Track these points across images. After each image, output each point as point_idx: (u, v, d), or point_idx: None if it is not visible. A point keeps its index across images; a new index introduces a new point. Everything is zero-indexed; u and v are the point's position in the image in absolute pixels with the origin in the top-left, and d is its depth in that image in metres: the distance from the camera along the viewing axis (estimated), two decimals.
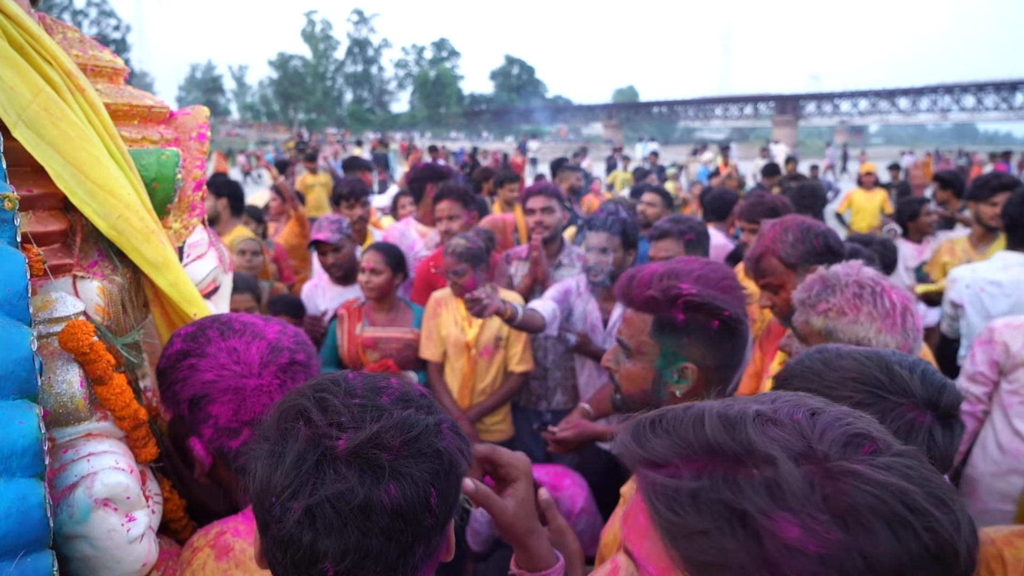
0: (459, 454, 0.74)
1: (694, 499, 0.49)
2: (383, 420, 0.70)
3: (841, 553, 0.45)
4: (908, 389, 0.95)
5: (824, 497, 0.46)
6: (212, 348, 1.09)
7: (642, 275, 1.33)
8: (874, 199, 7.38)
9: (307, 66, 73.11)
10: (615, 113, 71.11)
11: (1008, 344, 2.15)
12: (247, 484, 0.71)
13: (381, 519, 0.66)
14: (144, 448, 1.05)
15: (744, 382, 2.40)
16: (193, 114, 1.47)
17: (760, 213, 3.14)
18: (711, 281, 1.29)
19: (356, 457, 0.67)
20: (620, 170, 13.95)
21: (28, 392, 0.82)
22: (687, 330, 1.28)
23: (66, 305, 0.96)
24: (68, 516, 0.91)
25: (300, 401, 0.72)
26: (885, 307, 1.50)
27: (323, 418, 0.69)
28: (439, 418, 0.74)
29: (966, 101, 52.18)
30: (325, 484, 0.66)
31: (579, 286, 2.93)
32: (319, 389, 0.73)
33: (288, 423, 0.71)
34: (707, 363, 1.29)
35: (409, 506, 0.67)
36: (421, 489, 0.68)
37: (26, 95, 0.99)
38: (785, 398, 0.56)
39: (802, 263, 2.02)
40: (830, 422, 0.52)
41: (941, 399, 0.95)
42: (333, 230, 3.20)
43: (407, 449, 0.69)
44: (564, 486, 2.51)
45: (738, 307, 1.29)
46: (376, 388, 0.74)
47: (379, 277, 2.88)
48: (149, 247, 1.16)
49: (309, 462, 0.67)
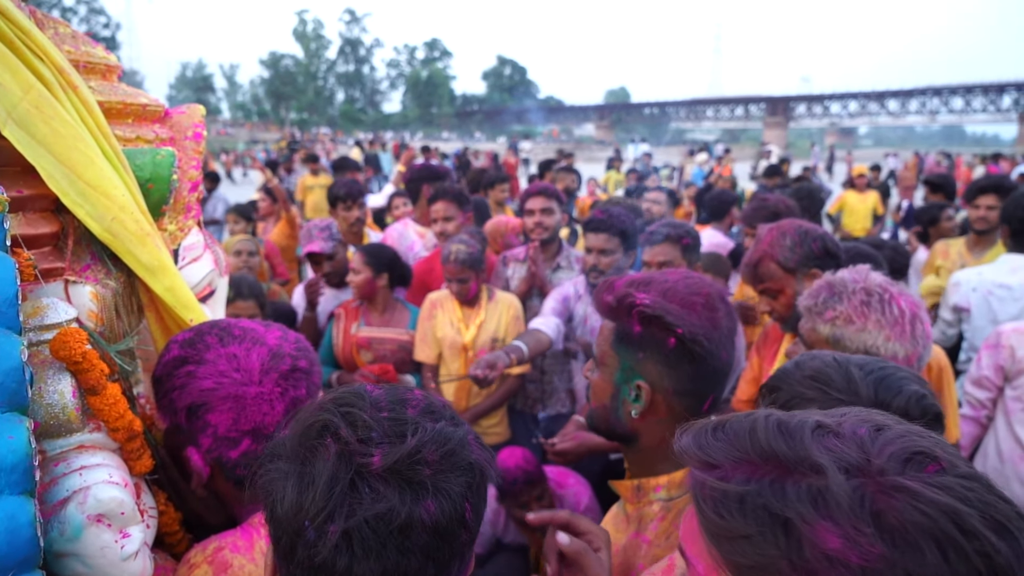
0: (488, 466, 0.71)
1: (740, 503, 0.49)
2: (419, 434, 0.66)
3: (884, 568, 0.44)
4: (856, 390, 1.03)
5: (874, 511, 0.46)
6: (211, 354, 1.05)
7: (612, 280, 1.22)
8: (867, 201, 7.40)
9: (299, 65, 72.73)
10: (607, 114, 71.31)
11: (1015, 348, 2.14)
12: (270, 508, 0.67)
13: (420, 538, 0.63)
14: (139, 460, 1.01)
15: (743, 387, 2.37)
16: (189, 113, 1.43)
17: (763, 217, 3.10)
18: (676, 295, 1.12)
19: (394, 474, 0.64)
20: (613, 171, 13.95)
21: (18, 404, 0.77)
22: (642, 344, 1.13)
23: (58, 311, 0.92)
24: (59, 533, 0.86)
25: (325, 416, 0.67)
26: (893, 315, 1.47)
27: (352, 434, 0.65)
28: (465, 430, 0.71)
29: (954, 103, 52.61)
30: (363, 504, 0.62)
31: (577, 289, 2.90)
32: (343, 403, 0.69)
33: (313, 440, 0.66)
34: (664, 385, 1.13)
35: (447, 522, 0.65)
36: (457, 504, 0.66)
37: (16, 92, 0.95)
38: (855, 413, 0.56)
39: (801, 267, 2.00)
40: (893, 438, 0.51)
41: (891, 403, 1.02)
42: (324, 238, 3.18)
43: (445, 463, 0.66)
44: (569, 484, 2.49)
45: (700, 328, 1.10)
46: (401, 400, 0.71)
47: (358, 277, 2.87)
48: (144, 250, 1.12)
49: (343, 482, 0.63)
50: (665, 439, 1.14)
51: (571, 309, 2.87)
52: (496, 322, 2.87)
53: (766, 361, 2.26)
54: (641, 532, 1.10)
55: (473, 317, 2.86)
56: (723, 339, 1.13)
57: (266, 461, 0.69)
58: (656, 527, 1.09)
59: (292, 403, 1.07)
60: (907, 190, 13.30)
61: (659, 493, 1.11)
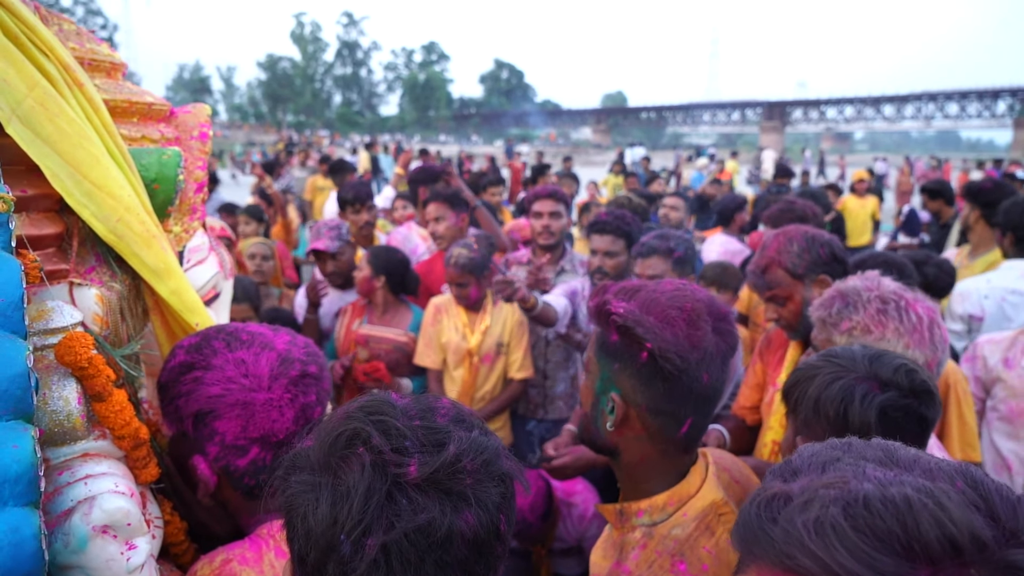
0: (520, 477, 0.68)
1: None
2: (458, 442, 0.64)
3: None
4: (856, 363, 1.18)
5: None
6: (218, 360, 1.02)
7: (607, 285, 1.16)
8: (867, 206, 7.40)
9: (296, 68, 72.71)
10: (604, 118, 71.38)
11: (987, 358, 2.17)
12: (296, 522, 0.63)
13: (460, 551, 0.61)
14: (144, 469, 0.98)
15: (745, 393, 2.33)
16: (194, 112, 1.40)
17: (789, 220, 3.03)
18: (656, 307, 1.04)
19: (433, 484, 0.61)
20: (611, 174, 13.95)
21: (23, 412, 0.74)
22: (618, 355, 1.08)
23: (63, 315, 0.89)
24: (63, 545, 0.83)
25: (355, 424, 0.64)
26: (912, 322, 1.44)
27: (386, 443, 0.62)
28: (497, 440, 0.69)
29: (949, 109, 52.85)
30: (402, 517, 0.59)
31: (584, 289, 2.88)
32: (373, 411, 0.66)
33: (344, 450, 0.63)
34: (637, 401, 1.07)
35: (485, 535, 0.62)
36: (494, 516, 0.63)
37: (21, 89, 0.92)
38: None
39: (809, 273, 1.97)
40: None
41: (881, 374, 1.14)
42: (332, 237, 3.17)
43: (483, 473, 0.64)
44: (576, 491, 2.46)
45: (673, 345, 1.01)
46: (430, 408, 0.68)
47: (359, 273, 2.92)
48: (150, 252, 1.09)
49: (379, 493, 0.59)
50: (646, 458, 1.10)
51: (577, 304, 2.84)
52: (501, 327, 2.84)
53: (770, 367, 2.22)
54: (622, 562, 1.05)
55: (478, 322, 2.83)
56: (704, 360, 1.03)
57: (288, 474, 0.65)
58: (637, 556, 1.04)
59: (302, 410, 1.04)
60: (904, 195, 13.32)
61: (641, 518, 1.07)
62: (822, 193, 4.67)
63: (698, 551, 1.02)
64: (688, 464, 1.12)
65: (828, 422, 1.15)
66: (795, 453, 0.56)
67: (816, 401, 1.17)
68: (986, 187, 3.48)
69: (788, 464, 0.55)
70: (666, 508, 1.06)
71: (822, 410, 1.16)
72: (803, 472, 0.52)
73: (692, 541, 1.03)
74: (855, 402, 1.13)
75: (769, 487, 0.52)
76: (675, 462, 1.11)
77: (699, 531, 1.04)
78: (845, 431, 1.06)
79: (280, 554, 0.98)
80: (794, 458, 0.55)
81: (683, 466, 1.11)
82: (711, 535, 1.04)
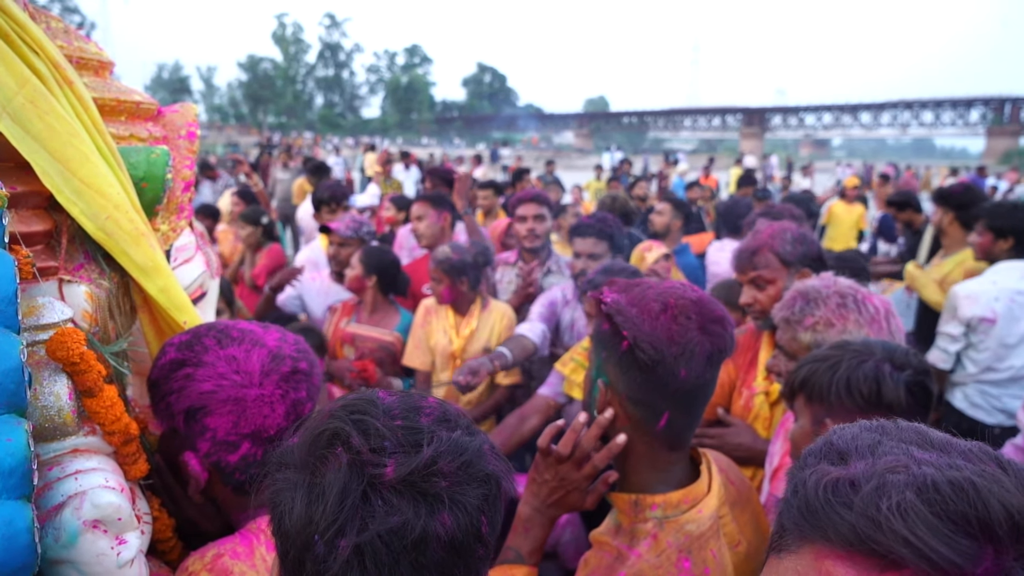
0: (506, 477, 0.68)
1: None
2: (435, 443, 0.63)
3: None
4: (871, 347, 1.27)
5: None
6: (209, 357, 1.02)
7: (614, 280, 1.20)
8: (853, 212, 7.50)
9: (277, 69, 72.10)
10: (586, 122, 71.72)
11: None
12: (277, 520, 0.63)
13: (436, 553, 0.60)
14: (134, 464, 0.98)
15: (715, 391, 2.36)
16: (182, 111, 1.40)
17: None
18: (643, 300, 1.07)
19: (409, 486, 0.60)
20: (594, 179, 14.04)
21: (16, 406, 0.75)
22: (606, 343, 1.12)
23: (54, 311, 0.89)
24: (54, 540, 0.83)
25: (335, 424, 0.64)
26: (870, 313, 1.56)
27: (365, 443, 0.62)
28: (482, 439, 0.68)
29: (925, 117, 53.89)
30: (376, 518, 0.59)
31: (565, 295, 2.90)
32: (355, 410, 0.66)
33: (323, 449, 0.63)
34: (619, 389, 1.11)
35: (463, 537, 0.61)
36: (474, 518, 0.62)
37: (11, 86, 0.92)
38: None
39: (796, 264, 2.06)
40: None
41: (894, 355, 1.25)
42: (347, 225, 3.25)
43: (461, 474, 0.63)
44: None
45: (650, 336, 1.04)
46: (414, 407, 0.68)
47: (351, 271, 2.94)
48: (138, 250, 1.09)
49: (355, 493, 0.59)
50: (632, 449, 1.13)
51: (558, 314, 2.86)
52: (488, 331, 2.86)
53: (741, 370, 2.24)
54: (633, 546, 1.08)
55: (463, 326, 2.85)
56: (684, 355, 1.04)
57: (273, 470, 0.66)
58: (649, 543, 1.07)
59: (293, 406, 1.05)
60: (883, 203, 13.53)
61: (654, 512, 1.10)
62: (810, 198, 4.72)
63: (704, 552, 1.06)
64: (677, 462, 1.15)
65: (863, 400, 1.22)
66: (831, 434, 0.57)
67: (847, 382, 1.24)
68: (957, 191, 3.57)
69: (830, 446, 0.56)
70: (680, 505, 1.09)
71: (855, 390, 1.23)
72: (852, 455, 0.53)
73: (703, 540, 1.07)
74: (887, 380, 1.22)
75: (824, 471, 0.52)
76: (662, 458, 1.13)
77: (711, 531, 1.08)
78: (878, 408, 1.18)
79: (271, 548, 0.99)
80: (834, 440, 0.56)
81: (671, 464, 1.14)
82: (717, 539, 1.08)
